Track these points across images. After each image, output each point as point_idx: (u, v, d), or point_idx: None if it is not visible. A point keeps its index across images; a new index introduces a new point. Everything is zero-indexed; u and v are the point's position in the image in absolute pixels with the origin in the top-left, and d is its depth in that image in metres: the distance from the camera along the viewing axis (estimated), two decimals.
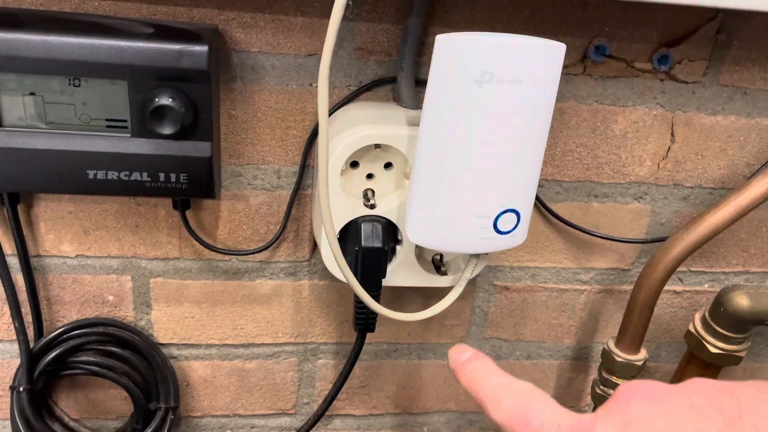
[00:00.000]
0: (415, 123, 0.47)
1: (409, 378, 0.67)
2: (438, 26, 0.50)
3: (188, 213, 0.54)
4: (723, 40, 0.54)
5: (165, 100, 0.44)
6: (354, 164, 0.49)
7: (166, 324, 0.59)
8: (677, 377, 0.62)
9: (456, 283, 0.51)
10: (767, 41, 0.54)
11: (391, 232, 0.50)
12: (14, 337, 0.55)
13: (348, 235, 0.50)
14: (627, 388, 0.27)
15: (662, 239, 0.60)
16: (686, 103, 0.56)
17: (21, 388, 0.55)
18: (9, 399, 0.57)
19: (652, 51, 0.53)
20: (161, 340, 0.60)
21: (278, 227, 0.56)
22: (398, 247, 0.51)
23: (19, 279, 0.54)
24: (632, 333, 0.58)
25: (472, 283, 0.62)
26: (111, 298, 0.57)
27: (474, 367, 0.31)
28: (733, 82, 0.55)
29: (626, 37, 0.52)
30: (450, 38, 0.40)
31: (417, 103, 0.50)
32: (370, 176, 0.50)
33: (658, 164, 0.58)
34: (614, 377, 0.60)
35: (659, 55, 0.53)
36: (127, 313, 0.58)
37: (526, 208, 0.45)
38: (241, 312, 0.60)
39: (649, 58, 0.54)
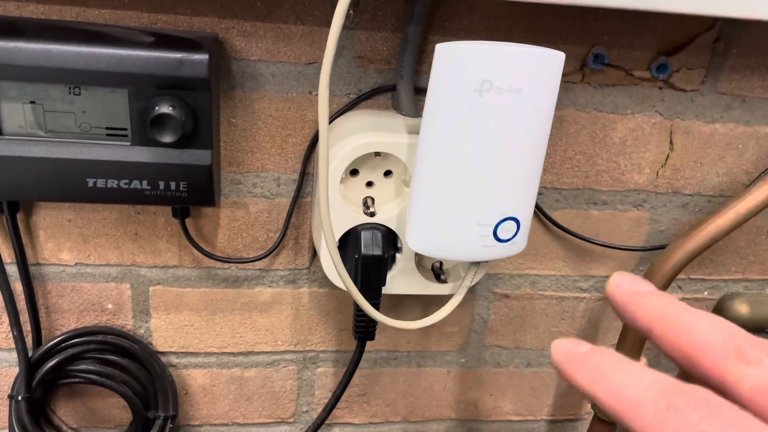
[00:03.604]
0: (414, 131, 0.47)
1: (409, 386, 0.67)
2: (437, 34, 0.50)
3: (188, 221, 0.54)
4: (721, 49, 0.54)
5: (165, 109, 0.44)
6: (354, 172, 0.49)
7: (165, 332, 0.59)
8: None
9: (456, 290, 0.51)
10: (765, 49, 0.54)
11: (390, 239, 0.50)
12: (12, 345, 0.55)
13: (348, 242, 0.50)
14: None
15: (661, 247, 0.60)
16: (685, 111, 0.56)
17: (19, 397, 0.55)
18: (7, 408, 0.57)
19: (651, 59, 0.53)
20: (160, 349, 0.60)
21: (278, 235, 0.56)
22: (398, 255, 0.51)
23: (17, 287, 0.54)
24: (632, 341, 0.58)
25: (471, 290, 0.62)
26: (110, 306, 0.57)
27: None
28: (731, 90, 0.56)
29: (625, 46, 0.53)
30: (450, 46, 0.40)
31: (416, 111, 0.50)
32: (369, 184, 0.50)
33: (657, 172, 0.58)
34: None
35: (658, 64, 0.53)
36: (126, 322, 0.58)
37: (526, 216, 0.46)
38: (241, 320, 0.60)
39: (648, 67, 0.54)
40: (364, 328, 0.54)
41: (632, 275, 0.25)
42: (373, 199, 0.50)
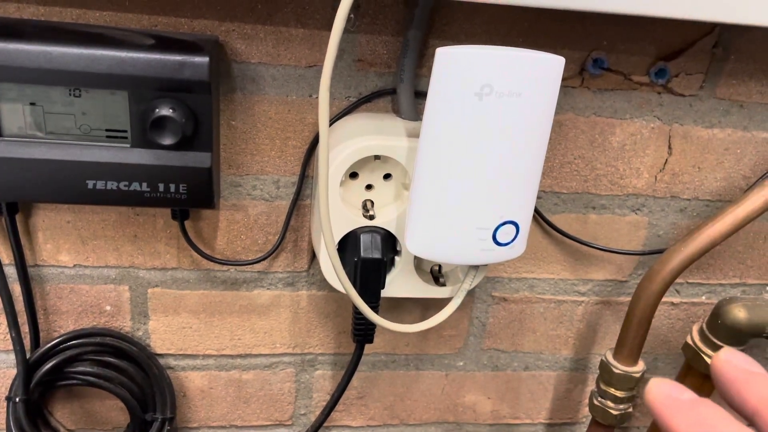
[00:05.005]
0: (414, 134, 0.47)
1: (407, 389, 0.67)
2: (437, 38, 0.51)
3: (187, 223, 0.54)
4: (720, 54, 0.54)
5: (165, 111, 0.44)
6: (353, 175, 0.49)
7: (164, 334, 0.59)
8: None
9: (454, 294, 0.51)
10: (763, 55, 0.54)
11: (390, 243, 0.50)
12: (11, 347, 0.55)
13: (347, 245, 0.50)
14: None
15: (660, 251, 0.61)
16: (683, 116, 0.56)
17: (17, 399, 0.54)
18: (5, 409, 0.57)
19: (650, 64, 0.54)
20: (158, 351, 0.60)
21: (277, 237, 0.56)
22: (397, 258, 0.51)
23: (16, 288, 0.54)
24: (630, 344, 0.58)
25: (470, 294, 0.62)
26: (108, 308, 0.57)
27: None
28: (729, 95, 0.56)
29: (624, 51, 0.53)
30: (450, 51, 0.40)
31: (416, 115, 0.51)
32: (369, 187, 0.50)
33: (656, 176, 0.58)
34: (612, 389, 0.60)
35: (656, 69, 0.54)
36: (124, 324, 0.58)
37: (525, 220, 0.46)
38: (239, 322, 0.60)
39: (647, 72, 0.54)
40: (363, 331, 0.54)
41: (741, 354, 0.25)
42: (372, 202, 0.50)
